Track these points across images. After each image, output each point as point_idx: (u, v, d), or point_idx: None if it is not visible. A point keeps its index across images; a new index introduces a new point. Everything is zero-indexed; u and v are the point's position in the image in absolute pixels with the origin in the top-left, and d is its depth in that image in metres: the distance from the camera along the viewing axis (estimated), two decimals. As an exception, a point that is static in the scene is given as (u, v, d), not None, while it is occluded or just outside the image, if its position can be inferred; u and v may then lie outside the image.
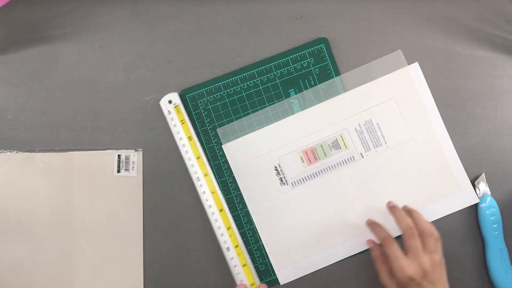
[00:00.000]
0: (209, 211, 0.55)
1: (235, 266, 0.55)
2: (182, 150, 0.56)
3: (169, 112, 0.56)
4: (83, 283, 0.57)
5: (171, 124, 0.56)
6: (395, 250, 0.51)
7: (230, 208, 0.57)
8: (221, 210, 0.56)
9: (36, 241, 0.57)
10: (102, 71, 0.58)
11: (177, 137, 0.56)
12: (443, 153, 0.57)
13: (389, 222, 0.57)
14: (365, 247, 0.57)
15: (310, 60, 0.58)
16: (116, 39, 0.58)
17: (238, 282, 0.55)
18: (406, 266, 0.49)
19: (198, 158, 0.56)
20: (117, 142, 0.58)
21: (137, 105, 0.58)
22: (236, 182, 0.57)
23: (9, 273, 0.57)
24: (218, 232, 0.56)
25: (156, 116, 0.58)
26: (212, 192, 0.56)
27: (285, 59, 0.57)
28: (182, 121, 0.56)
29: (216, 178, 0.57)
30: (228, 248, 0.55)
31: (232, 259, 0.56)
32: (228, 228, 0.56)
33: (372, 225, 0.55)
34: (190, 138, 0.56)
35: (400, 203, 0.57)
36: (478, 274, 0.58)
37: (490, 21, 0.58)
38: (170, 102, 0.56)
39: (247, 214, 0.57)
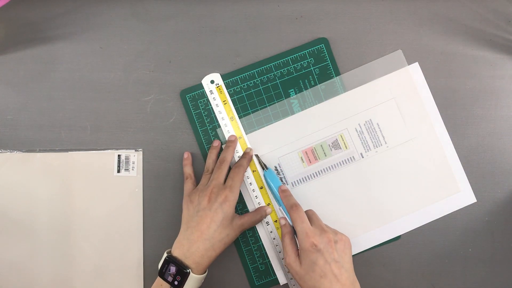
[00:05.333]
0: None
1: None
2: (224, 130, 0.57)
3: (211, 92, 0.57)
4: (83, 283, 0.57)
5: (213, 103, 0.57)
6: (302, 214, 0.51)
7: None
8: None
9: (36, 241, 0.57)
10: (102, 71, 0.58)
11: (219, 117, 0.57)
12: (443, 153, 0.57)
13: (388, 224, 0.57)
14: (365, 247, 0.57)
15: (310, 60, 0.58)
16: (116, 39, 0.58)
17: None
18: (311, 230, 0.49)
19: (240, 138, 0.57)
20: (117, 142, 0.58)
21: (137, 105, 0.58)
22: (236, 182, 0.57)
23: (9, 273, 0.57)
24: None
25: (156, 116, 0.58)
26: (253, 171, 0.56)
27: (285, 59, 0.57)
28: (224, 101, 0.57)
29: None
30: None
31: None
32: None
33: (283, 193, 0.55)
34: (232, 118, 0.57)
35: (400, 203, 0.57)
36: (478, 274, 0.58)
37: (490, 21, 0.58)
38: (212, 82, 0.57)
39: (247, 214, 0.57)
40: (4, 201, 0.57)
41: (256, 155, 0.57)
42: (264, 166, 0.56)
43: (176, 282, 0.49)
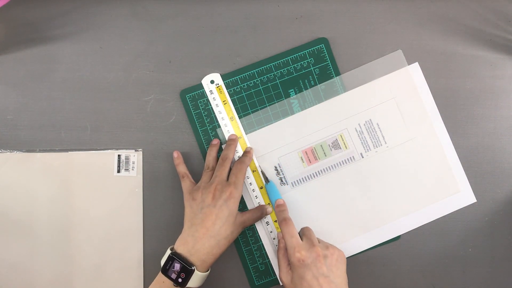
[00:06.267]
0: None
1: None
2: (224, 130, 0.57)
3: (211, 92, 0.57)
4: (83, 283, 0.57)
5: (213, 103, 0.57)
6: (291, 229, 0.51)
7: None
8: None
9: (36, 241, 0.57)
10: (102, 71, 0.58)
11: (219, 117, 0.57)
12: (443, 153, 0.57)
13: (388, 224, 0.57)
14: (365, 247, 0.57)
15: (310, 60, 0.58)
16: (116, 39, 0.58)
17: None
18: (299, 245, 0.49)
19: (240, 138, 0.57)
20: (117, 142, 0.58)
21: (137, 105, 0.58)
22: (236, 182, 0.57)
23: (9, 273, 0.57)
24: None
25: (156, 116, 0.58)
26: (253, 171, 0.57)
27: (285, 59, 0.57)
28: (224, 101, 0.57)
29: None
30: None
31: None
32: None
33: (278, 207, 0.55)
34: (232, 118, 0.57)
35: (399, 203, 0.57)
36: (478, 274, 0.58)
37: (490, 21, 0.58)
38: (212, 82, 0.57)
39: (247, 214, 0.57)
40: (4, 201, 0.57)
41: (259, 166, 0.57)
42: (265, 179, 0.56)
43: (180, 280, 0.49)
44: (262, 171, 0.57)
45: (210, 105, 0.57)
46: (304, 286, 0.47)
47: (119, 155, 0.58)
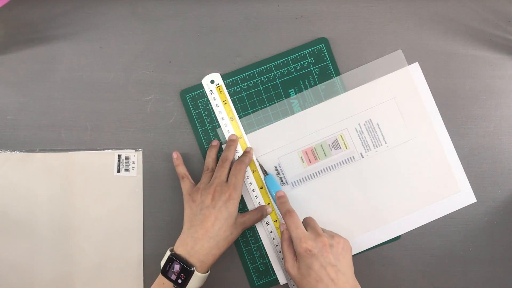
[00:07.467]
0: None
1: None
2: (224, 130, 0.57)
3: (211, 92, 0.57)
4: (83, 283, 0.57)
5: (213, 103, 0.57)
6: (296, 220, 0.51)
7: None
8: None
9: (36, 241, 0.57)
10: (102, 71, 0.58)
11: (219, 117, 0.57)
12: (443, 153, 0.57)
13: (388, 224, 0.57)
14: (366, 247, 0.57)
15: (310, 60, 0.58)
16: (116, 39, 0.58)
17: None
18: (304, 235, 0.49)
19: (240, 137, 0.57)
20: (117, 142, 0.58)
21: (137, 105, 0.58)
22: (236, 182, 0.57)
23: (9, 273, 0.57)
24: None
25: (156, 116, 0.58)
26: (253, 171, 0.56)
27: (285, 59, 0.57)
28: (224, 101, 0.57)
29: None
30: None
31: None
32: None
33: (279, 199, 0.55)
34: (232, 118, 0.57)
35: (400, 203, 0.57)
36: (478, 274, 0.58)
37: (490, 21, 0.58)
38: (212, 82, 0.57)
39: (247, 214, 0.57)
40: (4, 201, 0.57)
41: (257, 160, 0.57)
42: (264, 172, 0.56)
43: (179, 281, 0.49)
44: (260, 164, 0.57)
45: (210, 105, 0.57)
46: (312, 276, 0.48)
47: (119, 155, 0.58)
